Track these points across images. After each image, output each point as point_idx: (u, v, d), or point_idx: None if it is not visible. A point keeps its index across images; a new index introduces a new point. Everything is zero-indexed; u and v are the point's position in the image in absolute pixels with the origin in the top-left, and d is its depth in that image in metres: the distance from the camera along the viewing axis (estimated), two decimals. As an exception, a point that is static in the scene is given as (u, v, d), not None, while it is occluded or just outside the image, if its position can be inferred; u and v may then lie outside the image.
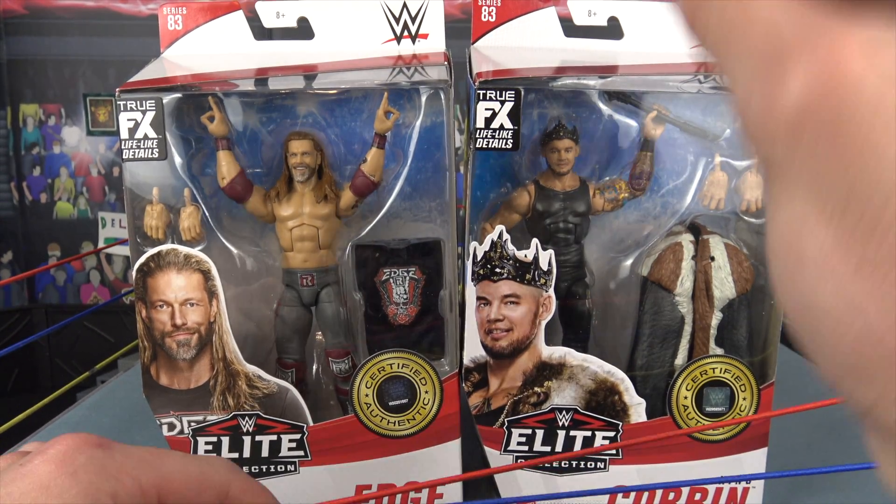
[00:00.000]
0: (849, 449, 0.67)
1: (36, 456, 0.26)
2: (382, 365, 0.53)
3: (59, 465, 0.26)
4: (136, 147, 0.50)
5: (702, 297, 0.54)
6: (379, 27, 0.56)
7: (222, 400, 0.53)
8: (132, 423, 0.77)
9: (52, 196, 2.52)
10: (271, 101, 0.54)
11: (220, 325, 0.52)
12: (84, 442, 0.27)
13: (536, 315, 0.53)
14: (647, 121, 0.53)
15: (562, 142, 0.53)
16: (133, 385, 0.85)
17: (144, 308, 0.52)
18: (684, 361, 0.55)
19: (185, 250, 0.52)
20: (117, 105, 0.49)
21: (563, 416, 0.54)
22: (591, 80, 0.54)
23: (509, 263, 0.52)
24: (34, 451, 0.27)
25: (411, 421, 0.54)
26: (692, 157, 0.55)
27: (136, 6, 2.41)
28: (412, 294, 0.54)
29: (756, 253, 0.55)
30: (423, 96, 0.52)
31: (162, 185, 0.52)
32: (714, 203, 0.54)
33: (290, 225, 0.54)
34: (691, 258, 0.54)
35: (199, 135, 0.52)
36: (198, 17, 0.57)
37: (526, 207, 0.54)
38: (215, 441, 0.53)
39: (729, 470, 0.54)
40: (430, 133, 0.52)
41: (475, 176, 0.52)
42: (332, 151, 0.54)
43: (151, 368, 0.52)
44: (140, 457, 0.27)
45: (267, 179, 0.55)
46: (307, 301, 0.55)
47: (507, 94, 0.49)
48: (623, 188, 0.55)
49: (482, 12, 0.57)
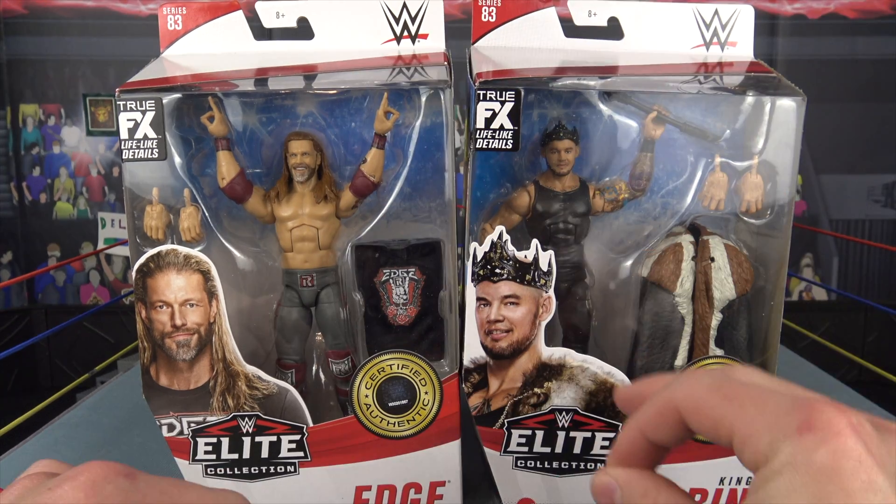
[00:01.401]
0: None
1: (66, 482, 0.27)
2: (382, 366, 0.53)
3: (87, 493, 0.26)
4: (136, 147, 0.50)
5: (702, 298, 0.54)
6: (379, 27, 0.56)
7: (222, 401, 0.53)
8: (132, 423, 0.77)
9: (51, 196, 2.52)
10: (271, 102, 0.54)
11: (219, 325, 0.52)
12: (112, 471, 0.28)
13: (536, 316, 0.53)
14: (647, 121, 0.53)
15: (562, 142, 0.53)
16: (133, 386, 0.86)
17: (144, 309, 0.52)
18: (684, 362, 0.55)
19: (185, 251, 0.52)
20: (117, 105, 0.49)
21: (562, 416, 0.54)
22: (591, 80, 0.54)
23: (509, 264, 0.52)
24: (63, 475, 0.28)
25: (411, 422, 0.54)
26: (692, 158, 0.55)
27: (136, 6, 2.41)
28: (412, 295, 0.54)
29: (756, 254, 0.55)
30: (423, 96, 0.52)
31: (162, 185, 0.52)
32: (714, 204, 0.54)
33: (289, 225, 0.54)
34: (691, 259, 0.54)
35: (198, 135, 0.52)
36: (197, 17, 0.57)
37: (526, 208, 0.54)
38: (215, 442, 0.53)
39: (729, 470, 0.54)
40: (430, 133, 0.52)
41: (475, 176, 0.52)
42: (331, 152, 0.54)
43: (151, 369, 0.52)
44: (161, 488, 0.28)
45: (267, 180, 0.54)
46: (307, 301, 0.55)
47: (507, 94, 0.49)
48: (623, 189, 0.55)
49: (482, 12, 0.57)
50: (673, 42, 0.58)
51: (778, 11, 2.41)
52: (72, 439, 0.74)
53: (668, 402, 0.28)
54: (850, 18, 2.41)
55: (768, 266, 0.54)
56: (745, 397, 0.26)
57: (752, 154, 0.53)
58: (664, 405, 0.28)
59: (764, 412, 0.25)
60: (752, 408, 0.26)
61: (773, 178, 0.53)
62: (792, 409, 0.25)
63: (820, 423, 0.24)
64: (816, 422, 0.24)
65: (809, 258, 2.51)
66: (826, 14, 2.42)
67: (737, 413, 0.26)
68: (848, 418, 0.24)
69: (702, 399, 0.27)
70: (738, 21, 0.58)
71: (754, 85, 0.53)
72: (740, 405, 0.26)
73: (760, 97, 0.52)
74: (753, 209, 0.53)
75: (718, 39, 0.58)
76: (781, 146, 0.52)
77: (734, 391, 0.26)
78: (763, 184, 0.53)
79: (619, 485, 0.29)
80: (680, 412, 0.28)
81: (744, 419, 0.25)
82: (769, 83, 0.54)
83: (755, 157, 0.53)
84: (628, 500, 0.29)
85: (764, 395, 0.26)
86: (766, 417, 0.25)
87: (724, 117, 0.54)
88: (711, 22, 0.58)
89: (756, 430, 0.25)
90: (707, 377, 0.28)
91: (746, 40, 0.58)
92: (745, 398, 0.26)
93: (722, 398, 0.26)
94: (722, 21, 0.58)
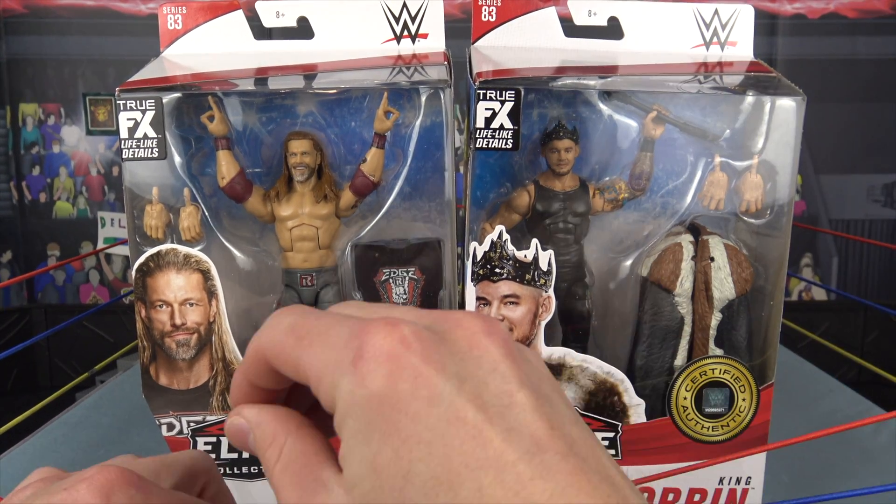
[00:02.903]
0: (850, 450, 0.67)
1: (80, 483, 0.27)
2: (382, 365, 0.53)
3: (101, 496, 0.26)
4: (136, 147, 0.50)
5: (701, 298, 0.54)
6: (379, 27, 0.56)
7: (222, 400, 0.53)
8: (131, 423, 0.77)
9: (51, 195, 2.52)
10: (271, 101, 0.54)
11: (219, 324, 0.52)
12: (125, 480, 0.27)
13: (536, 315, 0.53)
14: (647, 121, 0.53)
15: (562, 142, 0.53)
16: (132, 385, 0.86)
17: (144, 308, 0.52)
18: (684, 362, 0.55)
19: (185, 250, 0.52)
20: (117, 104, 0.49)
21: (562, 416, 0.54)
22: (591, 80, 0.54)
23: (509, 264, 0.52)
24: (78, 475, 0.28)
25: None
26: (692, 158, 0.55)
27: (136, 5, 2.41)
28: (412, 294, 0.54)
29: (756, 254, 0.55)
30: (423, 96, 0.52)
31: (161, 184, 0.52)
32: (714, 203, 0.54)
33: (289, 225, 0.54)
34: (691, 259, 0.54)
35: (198, 134, 0.52)
36: (197, 16, 0.57)
37: (526, 207, 0.54)
38: (214, 441, 0.53)
39: (729, 470, 0.54)
40: (430, 133, 0.52)
41: (475, 176, 0.52)
42: (331, 151, 0.54)
43: (151, 368, 0.52)
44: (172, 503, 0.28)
45: (267, 179, 0.54)
46: (307, 301, 0.55)
47: (507, 93, 0.49)
48: (623, 188, 0.55)
49: (482, 12, 0.57)
50: (673, 42, 0.58)
51: (778, 11, 2.41)
52: (71, 439, 0.74)
53: (257, 349, 0.26)
54: (850, 18, 2.41)
55: (768, 266, 0.54)
56: (314, 334, 0.24)
57: (751, 154, 0.53)
58: (255, 352, 0.26)
59: (327, 348, 0.23)
60: (319, 345, 0.24)
61: (772, 178, 0.53)
62: (350, 339, 0.23)
63: (370, 349, 0.22)
64: (367, 348, 0.22)
65: (809, 258, 2.51)
66: (826, 14, 2.42)
67: (307, 353, 0.24)
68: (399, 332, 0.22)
69: (279, 342, 0.25)
70: (737, 21, 0.58)
71: (754, 84, 0.53)
72: (310, 343, 0.24)
73: (760, 97, 0.52)
74: (753, 209, 0.53)
75: (718, 39, 0.58)
76: (781, 146, 0.52)
77: (306, 329, 0.24)
78: (763, 183, 0.53)
79: (251, 426, 0.27)
80: (267, 358, 0.26)
81: (311, 359, 0.24)
82: (769, 83, 0.54)
83: (755, 156, 0.53)
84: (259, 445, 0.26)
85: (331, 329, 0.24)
86: (329, 353, 0.23)
87: (723, 117, 0.54)
88: (711, 22, 0.58)
89: (321, 369, 0.23)
90: (288, 317, 0.26)
91: (746, 40, 0.58)
92: (315, 335, 0.24)
93: (296, 339, 0.24)
94: (722, 21, 0.58)
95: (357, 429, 0.22)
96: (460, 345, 0.23)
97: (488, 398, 0.21)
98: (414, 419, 0.21)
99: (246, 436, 0.27)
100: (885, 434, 0.72)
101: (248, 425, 0.27)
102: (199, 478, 0.31)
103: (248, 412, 0.27)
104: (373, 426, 0.21)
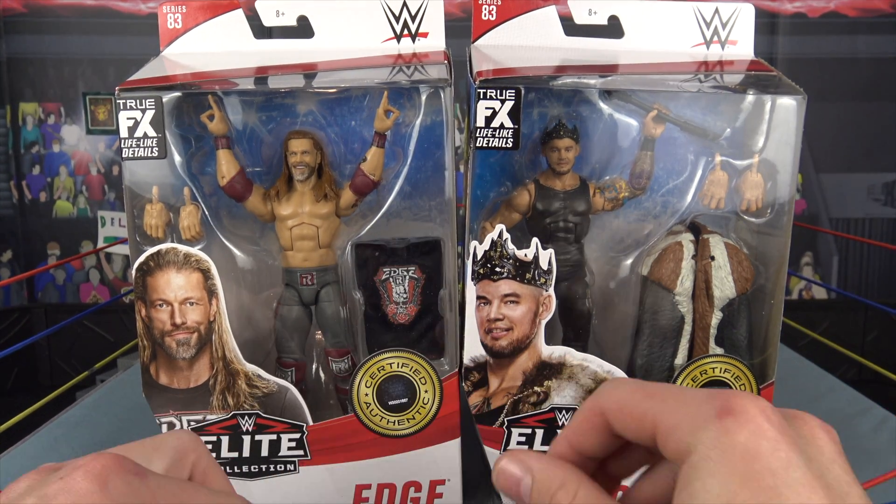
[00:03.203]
0: (850, 450, 0.67)
1: (75, 471, 0.27)
2: (382, 364, 0.53)
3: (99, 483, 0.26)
4: (136, 146, 0.50)
5: (702, 297, 0.54)
6: (379, 26, 0.56)
7: (222, 399, 0.53)
8: (131, 422, 0.77)
9: (51, 195, 2.52)
10: (271, 100, 0.54)
11: (219, 324, 0.52)
12: (121, 466, 0.27)
13: (536, 314, 0.53)
14: (648, 120, 0.53)
15: (562, 141, 0.53)
16: (132, 384, 0.85)
17: (144, 307, 0.52)
18: (684, 361, 0.55)
19: (185, 249, 0.52)
20: (117, 104, 0.49)
21: (563, 415, 0.54)
22: (591, 79, 0.54)
23: (509, 262, 0.52)
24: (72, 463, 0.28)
25: (411, 420, 0.54)
26: (692, 157, 0.55)
27: (136, 5, 2.41)
28: (412, 293, 0.54)
29: (756, 253, 0.55)
30: (423, 95, 0.51)
31: (161, 183, 0.52)
32: (714, 202, 0.54)
33: (289, 224, 0.54)
34: (691, 257, 0.54)
35: (198, 133, 0.52)
36: (197, 15, 0.57)
37: (526, 206, 0.54)
38: (215, 440, 0.53)
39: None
40: (430, 132, 0.52)
41: (475, 175, 0.52)
42: (331, 150, 0.54)
43: (151, 368, 0.52)
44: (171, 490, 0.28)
45: (267, 178, 0.54)
46: (307, 300, 0.55)
47: (507, 93, 0.49)
48: (623, 187, 0.55)
49: (482, 11, 0.57)
50: (673, 40, 0.58)
51: (778, 10, 2.41)
52: (71, 438, 0.74)
53: (593, 408, 0.29)
54: (850, 17, 2.41)
55: (768, 265, 0.54)
56: (665, 393, 0.27)
57: (752, 153, 0.53)
58: (590, 411, 0.29)
59: (684, 404, 0.26)
60: (673, 401, 0.27)
61: (773, 177, 0.53)
62: (709, 398, 0.26)
63: (737, 408, 0.25)
64: (734, 407, 0.25)
65: (809, 257, 2.51)
66: (826, 13, 2.42)
67: (659, 407, 0.27)
68: (758, 404, 0.25)
69: (624, 399, 0.28)
70: (738, 19, 0.58)
71: (754, 83, 0.53)
72: (662, 399, 0.27)
73: (761, 96, 0.52)
74: (754, 208, 0.53)
75: (719, 38, 0.58)
76: (782, 145, 0.52)
77: (655, 389, 0.28)
78: (763, 182, 0.53)
79: (532, 474, 0.29)
80: (605, 415, 0.28)
81: (665, 412, 0.26)
82: (769, 82, 0.54)
83: (755, 155, 0.53)
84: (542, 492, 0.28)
85: (682, 391, 0.27)
86: (687, 408, 0.26)
87: (724, 116, 0.54)
88: (712, 20, 0.57)
89: (678, 420, 0.26)
90: (627, 382, 0.29)
91: (747, 39, 0.58)
92: (666, 394, 0.27)
93: (644, 396, 0.28)
94: (722, 19, 0.57)
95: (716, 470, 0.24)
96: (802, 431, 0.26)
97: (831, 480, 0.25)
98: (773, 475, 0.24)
99: (518, 482, 0.29)
100: (886, 434, 0.72)
101: (521, 473, 0.29)
102: (187, 456, 0.32)
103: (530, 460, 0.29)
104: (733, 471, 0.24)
